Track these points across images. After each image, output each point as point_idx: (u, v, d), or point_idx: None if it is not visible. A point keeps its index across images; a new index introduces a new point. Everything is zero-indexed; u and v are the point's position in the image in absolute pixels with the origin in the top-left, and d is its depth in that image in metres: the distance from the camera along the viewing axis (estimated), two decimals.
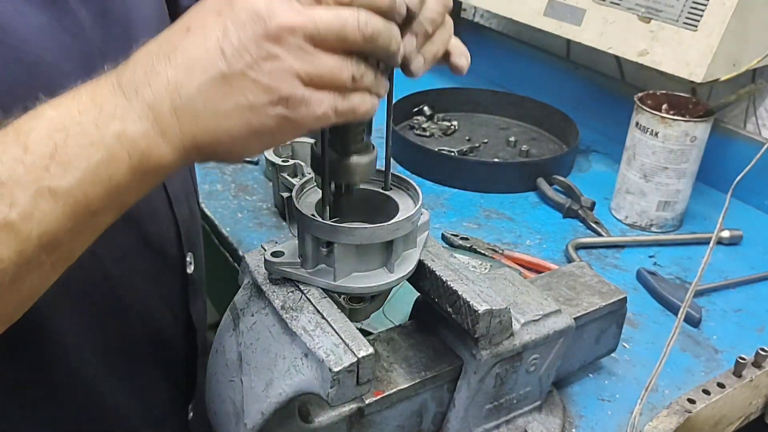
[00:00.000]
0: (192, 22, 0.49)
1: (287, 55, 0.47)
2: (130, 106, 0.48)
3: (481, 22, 1.91)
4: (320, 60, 0.48)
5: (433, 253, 0.70)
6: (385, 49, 0.50)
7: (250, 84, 0.47)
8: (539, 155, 1.43)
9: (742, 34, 1.11)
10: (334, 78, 0.49)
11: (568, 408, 0.83)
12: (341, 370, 0.56)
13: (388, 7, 0.50)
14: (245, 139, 0.49)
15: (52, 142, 0.47)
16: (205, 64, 0.47)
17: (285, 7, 0.47)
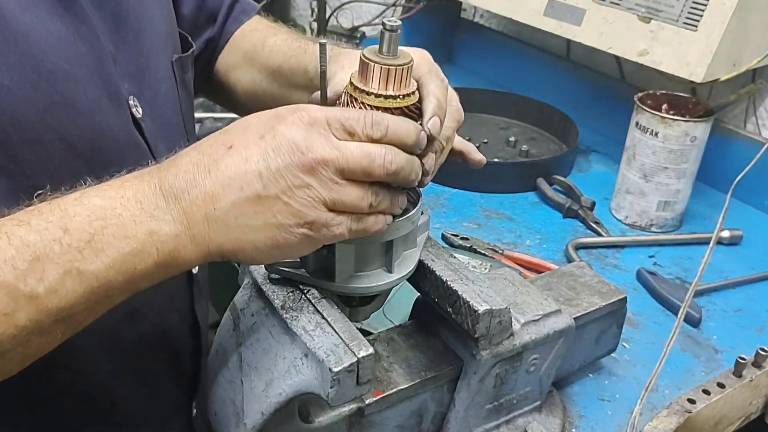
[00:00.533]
0: (235, 140, 0.54)
1: (318, 185, 0.53)
2: (167, 208, 0.53)
3: (481, 22, 1.91)
4: (346, 190, 0.54)
5: (433, 253, 0.70)
6: (405, 179, 0.57)
7: (281, 207, 0.53)
8: (539, 155, 1.43)
9: (742, 34, 1.11)
10: (355, 206, 0.55)
11: (568, 408, 0.83)
12: (341, 370, 0.56)
13: (414, 144, 0.56)
14: (268, 251, 0.55)
15: (92, 229, 0.51)
16: (243, 183, 0.52)
17: (321, 141, 0.52)
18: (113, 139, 0.67)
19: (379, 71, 0.57)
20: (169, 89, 0.80)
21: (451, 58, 1.98)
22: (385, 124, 0.55)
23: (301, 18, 2.26)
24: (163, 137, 0.76)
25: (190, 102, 0.87)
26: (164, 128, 0.77)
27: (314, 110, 0.54)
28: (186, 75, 0.84)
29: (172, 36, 0.83)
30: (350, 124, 0.54)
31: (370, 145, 0.54)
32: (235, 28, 1.00)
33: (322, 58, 0.57)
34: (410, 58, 0.58)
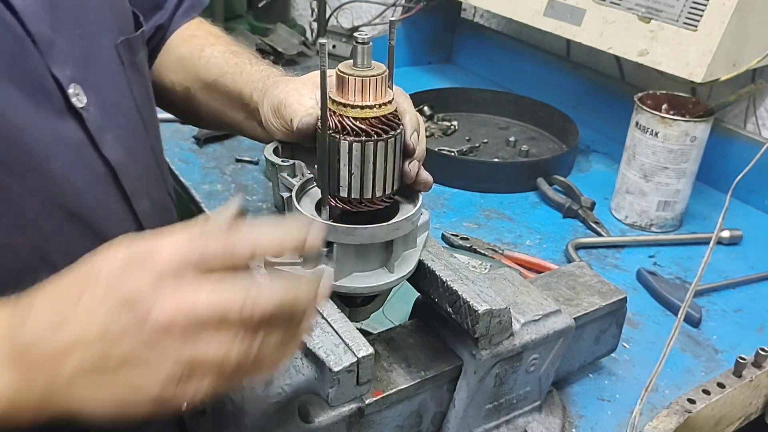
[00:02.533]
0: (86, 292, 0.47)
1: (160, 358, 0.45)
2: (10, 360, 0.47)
3: (481, 22, 1.91)
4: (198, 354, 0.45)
5: (433, 253, 0.70)
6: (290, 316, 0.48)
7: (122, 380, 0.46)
8: (539, 155, 1.43)
9: (742, 34, 1.11)
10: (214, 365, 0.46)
11: (568, 408, 0.83)
12: (341, 370, 0.56)
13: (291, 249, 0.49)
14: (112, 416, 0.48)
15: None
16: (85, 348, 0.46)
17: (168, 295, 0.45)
18: (36, 139, 0.62)
19: (354, 83, 0.59)
20: (116, 73, 0.75)
21: (450, 58, 1.98)
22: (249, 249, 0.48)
23: (301, 18, 2.26)
24: (112, 126, 0.71)
25: (144, 86, 0.82)
26: (113, 116, 0.72)
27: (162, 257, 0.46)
28: (136, 57, 0.79)
29: (119, 14, 0.78)
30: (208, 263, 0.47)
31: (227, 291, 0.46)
32: (185, 21, 0.97)
33: (321, 58, 0.57)
34: (384, 69, 0.60)
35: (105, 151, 0.69)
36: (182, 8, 0.97)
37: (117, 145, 0.71)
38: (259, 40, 1.83)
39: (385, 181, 0.63)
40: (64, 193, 0.65)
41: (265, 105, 0.79)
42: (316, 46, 1.85)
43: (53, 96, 0.65)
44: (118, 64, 0.75)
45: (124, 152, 0.72)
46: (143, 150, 0.78)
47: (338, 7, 2.01)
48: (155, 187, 0.81)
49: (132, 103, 0.78)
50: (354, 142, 0.60)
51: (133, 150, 0.75)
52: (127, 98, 0.77)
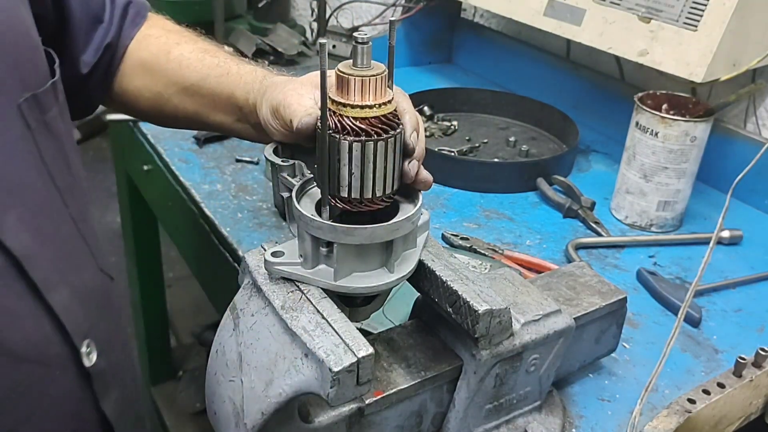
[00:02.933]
0: None
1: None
2: None
3: (481, 22, 1.91)
4: None
5: (433, 253, 0.70)
6: None
7: None
8: (539, 155, 1.43)
9: (742, 34, 1.11)
10: None
11: (568, 408, 0.83)
12: (341, 370, 0.56)
13: None
14: None
15: None
16: None
17: None
18: None
19: (354, 83, 0.59)
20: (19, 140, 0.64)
21: (450, 58, 1.98)
22: None
23: (301, 18, 2.26)
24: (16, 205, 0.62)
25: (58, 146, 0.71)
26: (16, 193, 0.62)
27: None
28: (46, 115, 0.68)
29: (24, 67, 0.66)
30: None
31: None
32: (135, 32, 0.90)
33: (321, 58, 0.57)
34: (383, 69, 0.60)
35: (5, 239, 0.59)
36: (128, 19, 0.90)
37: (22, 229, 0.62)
38: (259, 40, 1.83)
39: (385, 181, 0.63)
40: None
41: (264, 107, 0.77)
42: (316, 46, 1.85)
43: None
44: (21, 127, 0.64)
45: (32, 236, 0.63)
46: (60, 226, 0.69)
47: (338, 7, 2.01)
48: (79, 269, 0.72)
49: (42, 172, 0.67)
50: (354, 142, 0.60)
51: (45, 230, 0.65)
52: (35, 168, 0.66)
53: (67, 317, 0.66)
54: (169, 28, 0.94)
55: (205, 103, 0.87)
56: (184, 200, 1.29)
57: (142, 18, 0.92)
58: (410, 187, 0.69)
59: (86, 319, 0.70)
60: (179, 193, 1.31)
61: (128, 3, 0.91)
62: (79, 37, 0.84)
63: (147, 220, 1.91)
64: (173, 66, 0.87)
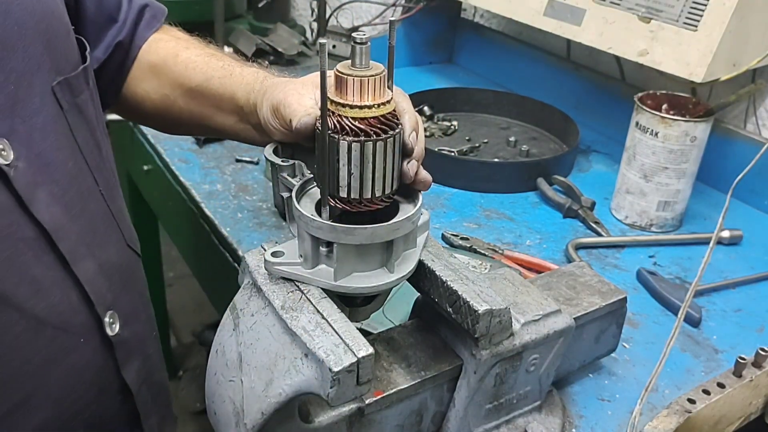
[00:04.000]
0: None
1: None
2: None
3: (481, 22, 1.91)
4: None
5: (433, 253, 0.70)
6: None
7: None
8: (539, 155, 1.43)
9: (742, 34, 1.11)
10: None
11: (568, 408, 0.83)
12: (341, 370, 0.56)
13: None
14: None
15: None
16: None
17: None
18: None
19: (353, 83, 0.59)
20: (53, 120, 0.67)
21: (451, 58, 1.98)
22: None
23: (301, 18, 2.27)
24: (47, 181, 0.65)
25: (89, 128, 0.74)
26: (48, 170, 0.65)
27: None
28: (78, 98, 0.72)
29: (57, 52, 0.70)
30: None
31: None
32: (149, 34, 0.91)
33: (321, 58, 0.57)
34: (382, 69, 0.60)
35: (37, 212, 0.62)
36: (144, 21, 0.91)
37: (53, 203, 0.65)
38: (259, 40, 1.83)
39: (385, 181, 0.63)
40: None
41: (264, 106, 0.77)
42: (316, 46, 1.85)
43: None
44: (55, 108, 0.68)
45: (63, 210, 0.66)
46: (89, 202, 0.71)
47: (338, 7, 2.01)
48: (106, 244, 0.74)
49: (75, 151, 0.71)
50: (353, 142, 0.60)
51: (74, 205, 0.68)
52: (67, 147, 0.69)
53: (92, 288, 0.69)
54: (179, 35, 0.95)
55: (209, 105, 0.88)
56: (184, 200, 1.29)
57: (158, 22, 0.93)
58: (410, 187, 0.69)
59: (110, 291, 0.72)
60: (179, 193, 1.31)
61: (145, 5, 0.91)
62: (91, 33, 0.84)
63: (147, 220, 1.91)
64: (180, 68, 0.87)
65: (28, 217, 0.62)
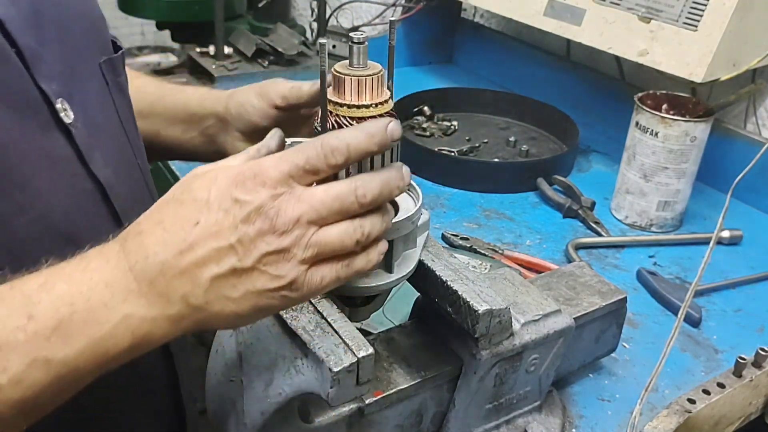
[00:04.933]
0: (200, 216, 0.51)
1: (293, 245, 0.51)
2: (141, 292, 0.51)
3: (481, 22, 1.91)
4: (324, 239, 0.52)
5: (433, 253, 0.70)
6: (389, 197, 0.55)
7: (259, 275, 0.51)
8: (539, 155, 1.43)
9: (742, 34, 1.11)
10: (339, 250, 0.53)
11: (568, 408, 0.83)
12: (341, 370, 0.56)
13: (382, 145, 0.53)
14: (249, 317, 0.54)
15: (59, 315, 0.49)
16: (218, 259, 0.51)
17: (288, 200, 0.51)
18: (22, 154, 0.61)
19: (350, 83, 0.59)
20: (100, 92, 0.73)
21: (451, 58, 1.98)
22: (344, 144, 0.52)
23: (301, 18, 2.26)
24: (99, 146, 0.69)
25: (129, 108, 0.81)
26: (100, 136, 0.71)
27: (271, 170, 0.51)
28: (119, 78, 0.78)
29: (100, 35, 0.77)
30: (311, 165, 0.52)
31: (337, 185, 0.52)
32: None
33: (321, 58, 0.57)
34: (380, 68, 0.60)
35: (94, 168, 0.68)
36: None
37: (105, 165, 0.69)
38: (259, 40, 1.83)
39: None
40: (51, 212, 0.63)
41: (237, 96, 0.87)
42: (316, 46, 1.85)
43: (40, 110, 0.63)
44: (102, 83, 0.74)
45: (113, 173, 0.71)
46: (131, 171, 0.77)
47: (338, 7, 2.01)
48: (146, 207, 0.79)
49: (118, 124, 0.76)
50: None
51: (121, 171, 0.73)
52: (112, 119, 0.75)
53: None
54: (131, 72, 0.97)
55: (158, 122, 0.92)
56: None
57: None
58: (410, 187, 0.69)
59: None
60: None
61: None
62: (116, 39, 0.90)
63: None
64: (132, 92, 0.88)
65: (87, 172, 0.67)
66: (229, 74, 1.74)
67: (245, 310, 0.52)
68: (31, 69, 0.62)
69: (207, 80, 1.75)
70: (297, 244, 0.51)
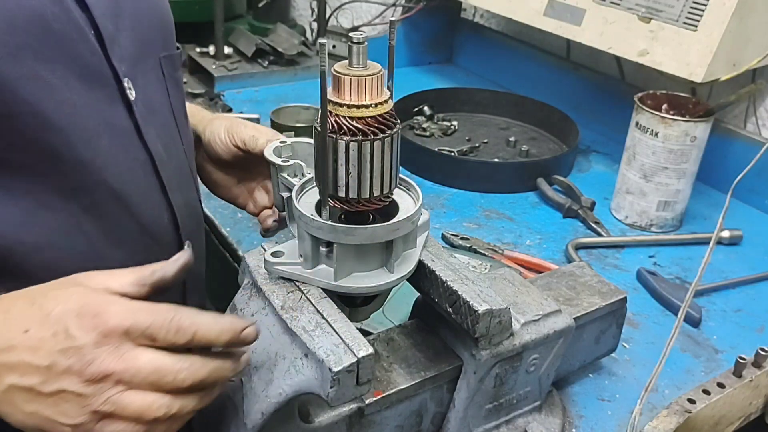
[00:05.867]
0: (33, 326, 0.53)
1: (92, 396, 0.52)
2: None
3: (481, 22, 1.91)
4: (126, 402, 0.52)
5: (433, 253, 0.70)
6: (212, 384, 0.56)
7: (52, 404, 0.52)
8: (539, 155, 1.43)
9: (742, 34, 1.11)
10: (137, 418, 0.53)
11: (568, 408, 0.83)
12: (341, 370, 0.56)
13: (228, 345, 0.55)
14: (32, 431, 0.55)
15: None
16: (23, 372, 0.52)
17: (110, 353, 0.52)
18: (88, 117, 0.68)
19: (350, 83, 0.59)
20: (158, 81, 0.81)
21: (451, 58, 1.98)
22: (192, 330, 0.53)
23: (301, 18, 2.26)
24: (153, 124, 0.77)
25: (181, 101, 0.87)
26: (154, 115, 0.78)
27: (112, 318, 0.52)
28: (176, 73, 0.85)
29: (166, 32, 0.84)
30: (151, 332, 0.53)
31: (164, 358, 0.53)
32: None
33: (321, 58, 0.57)
34: (379, 68, 0.60)
35: (148, 141, 0.74)
36: None
37: (157, 140, 0.76)
38: (259, 40, 1.83)
39: (383, 181, 0.63)
40: (107, 171, 0.69)
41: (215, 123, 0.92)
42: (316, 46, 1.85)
43: (108, 84, 0.70)
44: (160, 74, 0.81)
45: (163, 148, 0.77)
46: (178, 152, 0.83)
47: (338, 7, 2.01)
48: (188, 188, 0.86)
49: (170, 111, 0.83)
50: (351, 142, 0.60)
51: (170, 149, 0.80)
52: (165, 105, 0.82)
53: (182, 219, 0.80)
54: None
55: None
56: None
57: None
58: (410, 187, 0.69)
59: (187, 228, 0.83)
60: None
61: None
62: None
63: None
64: None
65: (142, 144, 0.74)
66: (228, 74, 1.74)
67: (29, 425, 0.54)
68: (108, 49, 0.69)
69: (207, 80, 1.75)
70: (96, 396, 0.52)
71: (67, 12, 0.66)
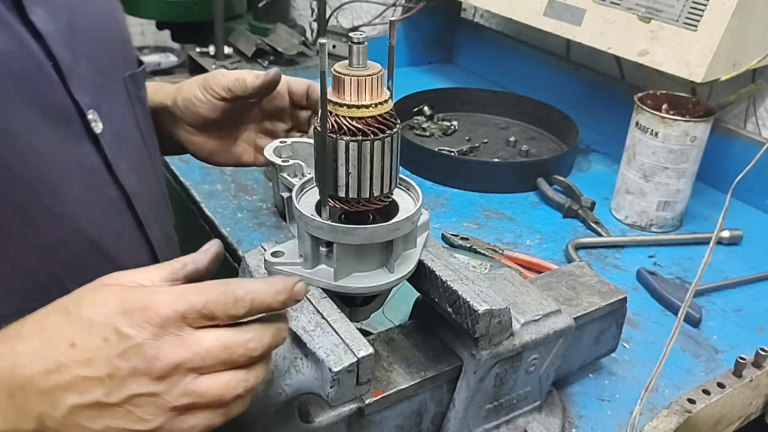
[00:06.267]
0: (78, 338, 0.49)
1: (167, 392, 0.48)
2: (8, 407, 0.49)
3: (481, 22, 1.91)
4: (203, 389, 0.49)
5: (433, 253, 0.70)
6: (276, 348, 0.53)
7: (123, 414, 0.48)
8: (539, 155, 1.43)
9: (742, 34, 1.11)
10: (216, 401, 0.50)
11: (568, 408, 0.83)
12: (341, 370, 0.56)
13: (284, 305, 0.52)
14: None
15: None
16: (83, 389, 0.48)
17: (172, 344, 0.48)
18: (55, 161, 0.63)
19: (350, 83, 0.59)
20: (125, 105, 0.77)
21: (451, 58, 1.98)
22: (250, 297, 0.50)
23: (301, 18, 2.26)
24: (124, 155, 0.73)
25: (148, 119, 0.84)
26: (125, 146, 0.74)
27: (163, 307, 0.48)
28: (141, 91, 0.82)
29: (127, 51, 0.81)
30: (209, 311, 0.49)
31: (229, 333, 0.50)
32: None
33: (321, 58, 0.57)
34: (379, 68, 0.60)
35: (120, 177, 0.71)
36: None
37: (130, 173, 0.73)
38: (259, 40, 1.83)
39: (383, 181, 0.63)
40: (80, 218, 0.66)
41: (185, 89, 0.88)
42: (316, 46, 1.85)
43: (72, 120, 0.66)
44: (126, 96, 0.77)
45: (136, 180, 0.74)
46: (151, 181, 0.80)
47: (338, 7, 2.01)
48: (164, 218, 0.83)
49: (139, 135, 0.79)
50: (351, 142, 0.60)
51: (143, 180, 0.76)
52: (134, 130, 0.78)
53: (160, 250, 0.78)
54: None
55: None
56: (184, 200, 1.29)
57: None
58: (410, 187, 0.69)
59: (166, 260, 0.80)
60: (179, 192, 1.31)
61: None
62: None
63: None
64: None
65: (113, 180, 0.71)
66: None
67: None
68: (67, 81, 0.65)
69: None
70: (171, 391, 0.48)
71: (25, 47, 0.61)
